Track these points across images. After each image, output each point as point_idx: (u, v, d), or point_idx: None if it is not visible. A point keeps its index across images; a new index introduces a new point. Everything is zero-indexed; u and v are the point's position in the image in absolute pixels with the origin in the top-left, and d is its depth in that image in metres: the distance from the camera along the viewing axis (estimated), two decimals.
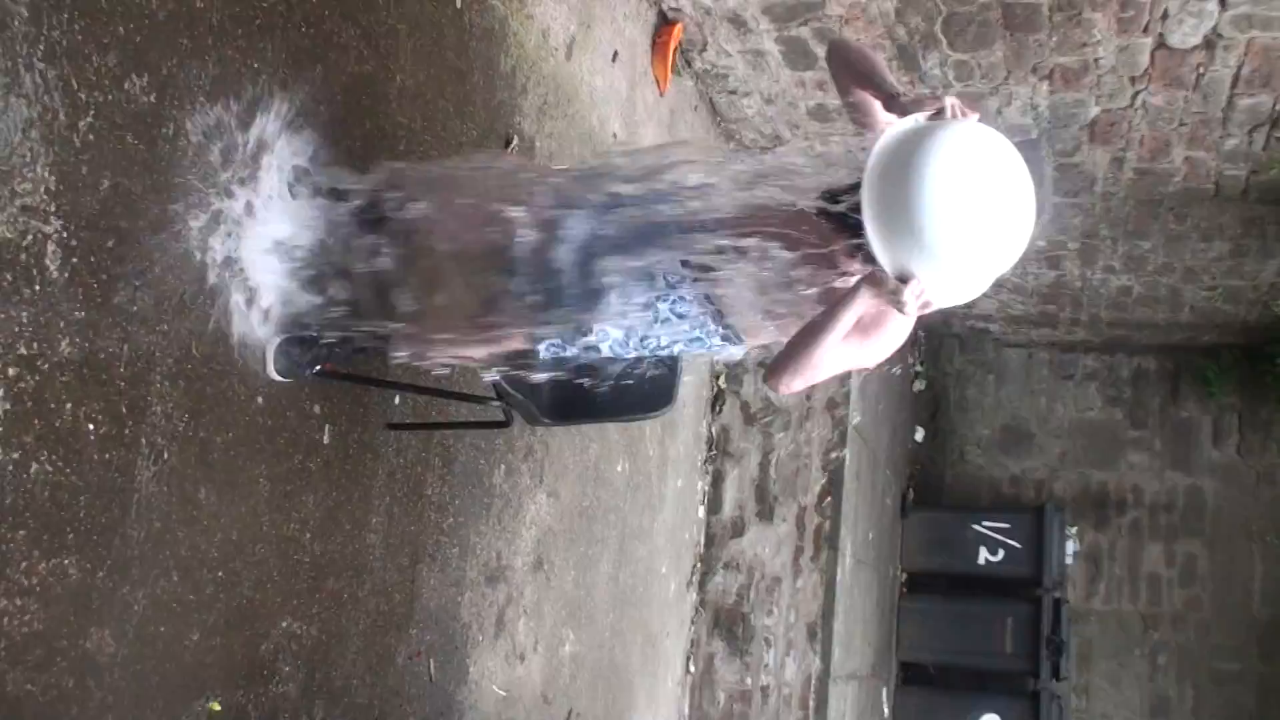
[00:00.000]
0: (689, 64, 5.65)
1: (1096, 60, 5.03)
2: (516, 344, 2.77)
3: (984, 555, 8.11)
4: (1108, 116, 5.53)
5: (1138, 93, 5.28)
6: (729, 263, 2.54)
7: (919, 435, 9.00)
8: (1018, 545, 8.01)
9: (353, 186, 2.94)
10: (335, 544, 3.10)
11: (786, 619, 6.27)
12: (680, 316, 2.64)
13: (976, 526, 8.12)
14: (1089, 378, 9.00)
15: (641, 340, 2.69)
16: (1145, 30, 4.77)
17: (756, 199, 2.53)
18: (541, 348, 2.72)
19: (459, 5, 3.62)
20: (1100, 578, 8.65)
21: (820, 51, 5.29)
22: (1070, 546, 8.26)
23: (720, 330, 2.70)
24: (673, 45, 5.26)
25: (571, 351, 2.73)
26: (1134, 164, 5.99)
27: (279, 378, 2.83)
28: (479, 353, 2.92)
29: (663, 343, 2.70)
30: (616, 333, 2.66)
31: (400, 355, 2.90)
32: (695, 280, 2.60)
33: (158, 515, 2.48)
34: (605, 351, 2.72)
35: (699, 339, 2.71)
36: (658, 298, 2.61)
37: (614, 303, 2.61)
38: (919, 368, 9.05)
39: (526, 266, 2.67)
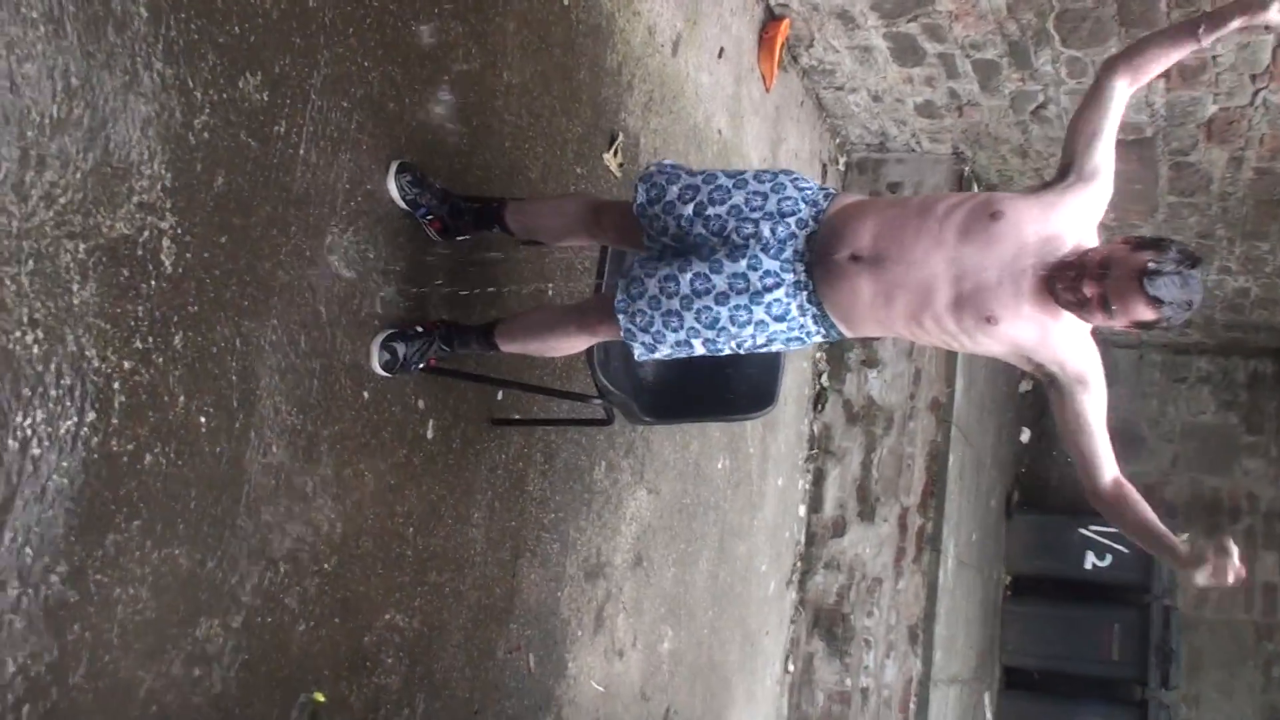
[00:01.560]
0: (795, 60, 5.61)
1: (1215, 58, 4.89)
2: (612, 333, 2.75)
3: (1091, 560, 7.95)
4: (1226, 115, 5.37)
5: (1258, 91, 5.12)
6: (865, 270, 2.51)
7: (1025, 436, 8.85)
8: (1126, 550, 7.83)
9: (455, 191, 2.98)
10: (438, 538, 3.13)
11: (887, 620, 6.20)
12: (778, 319, 2.59)
13: (1083, 530, 7.96)
14: (1202, 381, 8.76)
15: (736, 341, 2.64)
16: (1266, 27, 4.62)
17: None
18: (636, 348, 2.70)
19: (566, 2, 3.63)
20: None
21: (929, 47, 5.22)
22: None
23: (820, 331, 2.65)
24: (779, 41, 5.22)
25: (663, 351, 2.70)
26: (1253, 163, 5.81)
27: (384, 373, 2.85)
28: (575, 344, 2.93)
29: (759, 342, 2.65)
30: (708, 332, 2.61)
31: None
32: (798, 284, 2.56)
33: (266, 508, 2.52)
34: (698, 350, 2.68)
35: (798, 339, 2.66)
36: (751, 299, 2.56)
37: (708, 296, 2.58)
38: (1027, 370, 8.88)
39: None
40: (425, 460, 3.07)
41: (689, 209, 2.64)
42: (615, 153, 3.98)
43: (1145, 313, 2.34)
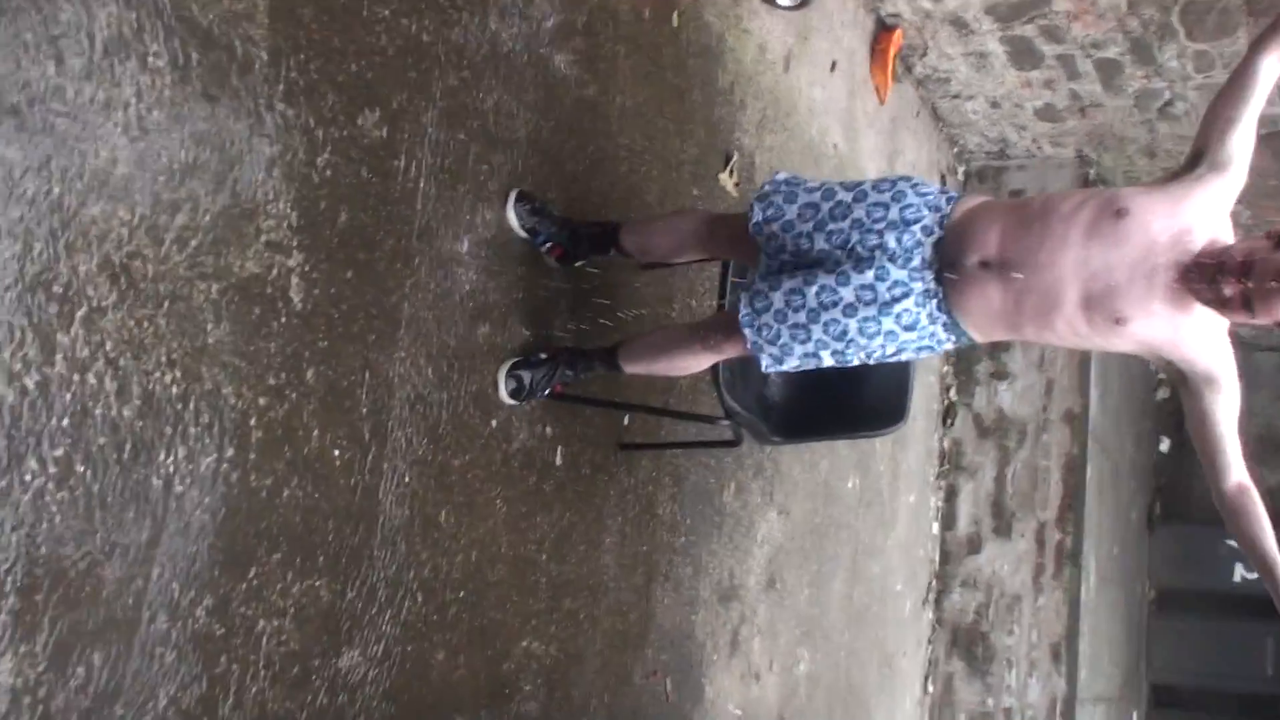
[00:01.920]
0: (909, 70, 5.55)
1: None
2: (736, 350, 2.73)
3: (1240, 572, 7.68)
4: None
5: None
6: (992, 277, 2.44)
7: (1164, 446, 8.59)
8: None
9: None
10: (571, 564, 3.13)
11: (1029, 638, 6.05)
12: (907, 329, 2.54)
13: (1230, 541, 7.65)
14: None
15: (865, 352, 2.59)
16: None
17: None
18: (763, 359, 2.66)
19: (675, 24, 3.63)
20: None
21: (1047, 49, 5.13)
22: None
23: (951, 338, 2.59)
24: (892, 52, 5.17)
25: (791, 363, 2.66)
26: None
27: (511, 401, 2.87)
28: (699, 362, 2.91)
29: (888, 352, 2.60)
30: (836, 344, 2.57)
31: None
32: (927, 292, 2.49)
33: (401, 538, 2.54)
34: (827, 361, 2.63)
35: (928, 347, 2.60)
36: (880, 310, 2.51)
37: (834, 310, 2.53)
38: (1162, 375, 8.63)
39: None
40: (555, 487, 3.07)
41: (809, 226, 2.59)
42: (731, 172, 3.96)
43: None
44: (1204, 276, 2.29)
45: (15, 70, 1.78)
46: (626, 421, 3.39)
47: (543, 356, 2.94)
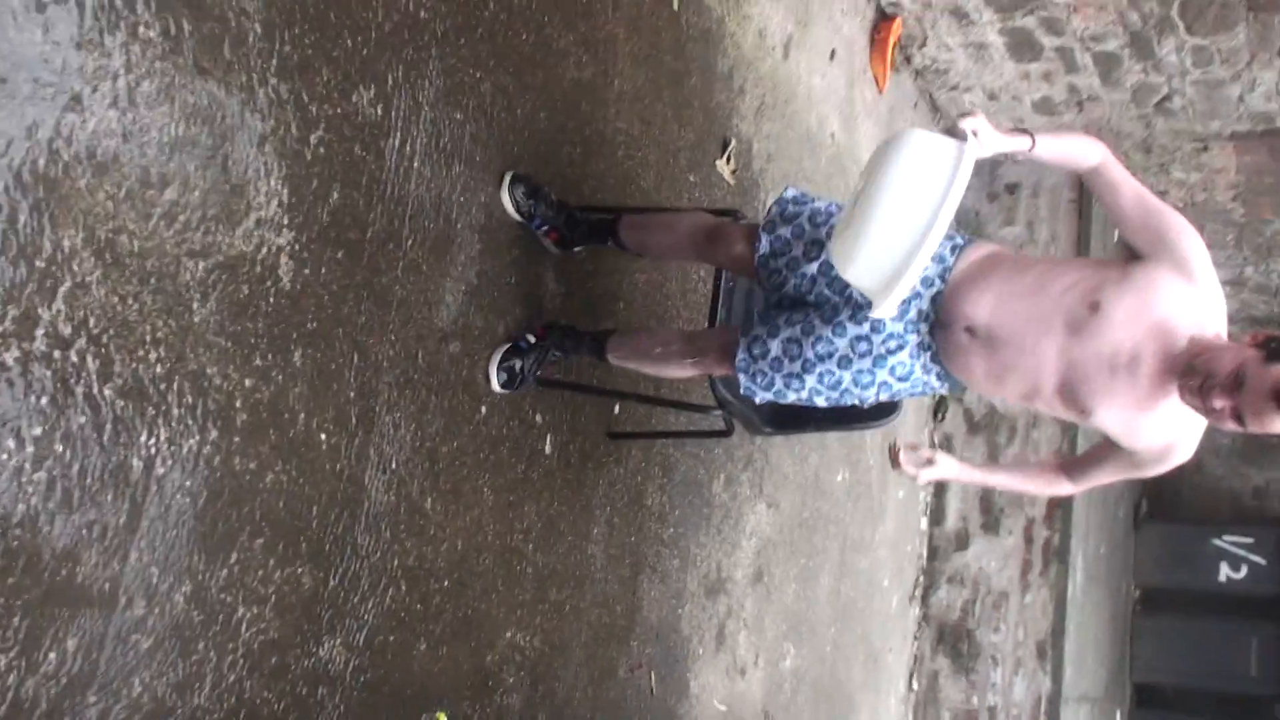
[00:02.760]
0: (908, 60, 5.50)
1: None
2: (725, 371, 2.72)
3: (1225, 572, 7.68)
4: None
5: None
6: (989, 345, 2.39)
7: None
8: (1262, 561, 7.56)
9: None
10: (558, 554, 3.08)
11: (1015, 636, 6.03)
12: (901, 379, 2.51)
13: (1217, 541, 7.69)
14: None
15: (859, 399, 2.57)
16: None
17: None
18: (757, 397, 2.64)
19: (676, 7, 3.58)
20: None
21: (1046, 41, 5.09)
22: None
23: (945, 385, 2.55)
24: (892, 41, 5.12)
25: (785, 402, 2.64)
26: None
27: (502, 390, 2.82)
28: (685, 373, 2.89)
29: (881, 398, 2.57)
30: (831, 392, 2.55)
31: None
32: (921, 345, 2.46)
33: (386, 525, 2.49)
34: (821, 404, 2.61)
35: (922, 392, 2.59)
36: (875, 363, 2.48)
37: (827, 360, 2.51)
38: None
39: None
40: (543, 475, 3.02)
41: (813, 267, 2.54)
42: (728, 159, 3.91)
43: None
44: (1191, 386, 2.19)
45: (1, 37, 1.72)
46: (617, 410, 3.35)
47: (531, 340, 2.89)
